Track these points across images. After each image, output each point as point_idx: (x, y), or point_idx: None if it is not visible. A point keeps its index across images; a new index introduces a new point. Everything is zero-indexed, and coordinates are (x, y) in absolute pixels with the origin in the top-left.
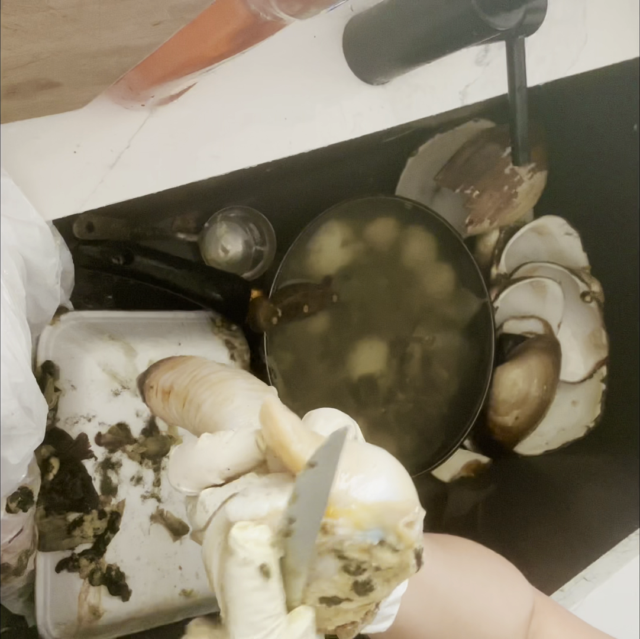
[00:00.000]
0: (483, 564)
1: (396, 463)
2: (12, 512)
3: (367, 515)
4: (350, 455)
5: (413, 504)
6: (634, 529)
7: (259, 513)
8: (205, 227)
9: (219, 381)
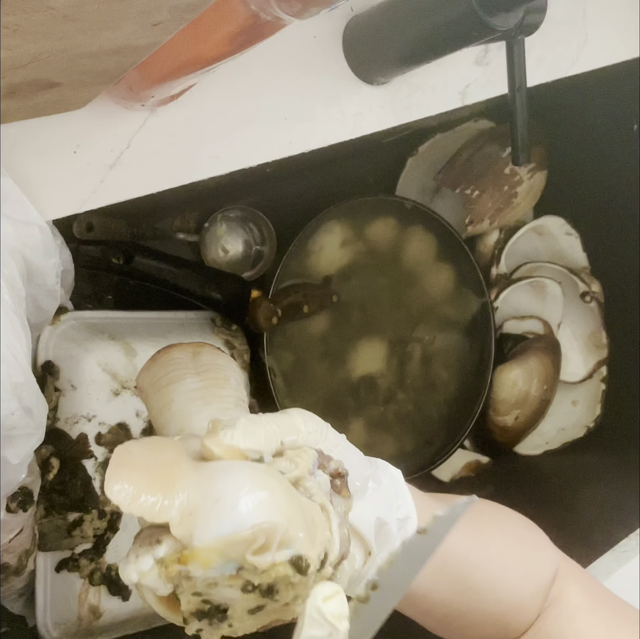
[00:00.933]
0: (504, 530)
1: (251, 484)
2: (12, 512)
3: (211, 555)
4: (199, 488)
5: (260, 528)
6: (634, 529)
7: (131, 580)
8: (205, 227)
9: (165, 385)
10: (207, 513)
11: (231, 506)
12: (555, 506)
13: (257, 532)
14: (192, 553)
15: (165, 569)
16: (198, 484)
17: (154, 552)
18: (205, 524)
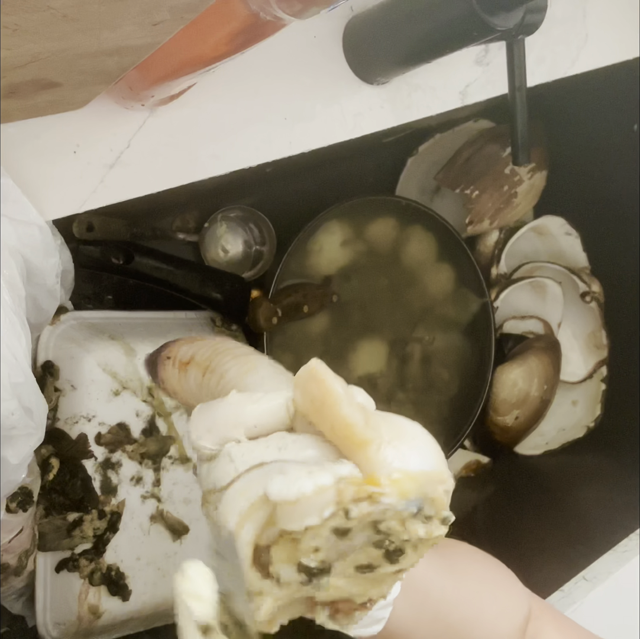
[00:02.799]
0: (477, 569)
1: (430, 436)
2: (12, 512)
3: (412, 485)
4: (391, 427)
5: (448, 475)
6: (634, 529)
7: (304, 492)
8: (205, 227)
9: (243, 354)
10: (407, 446)
11: (428, 446)
12: (555, 506)
13: (447, 474)
14: (393, 479)
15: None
16: (387, 422)
17: (337, 469)
18: (408, 456)
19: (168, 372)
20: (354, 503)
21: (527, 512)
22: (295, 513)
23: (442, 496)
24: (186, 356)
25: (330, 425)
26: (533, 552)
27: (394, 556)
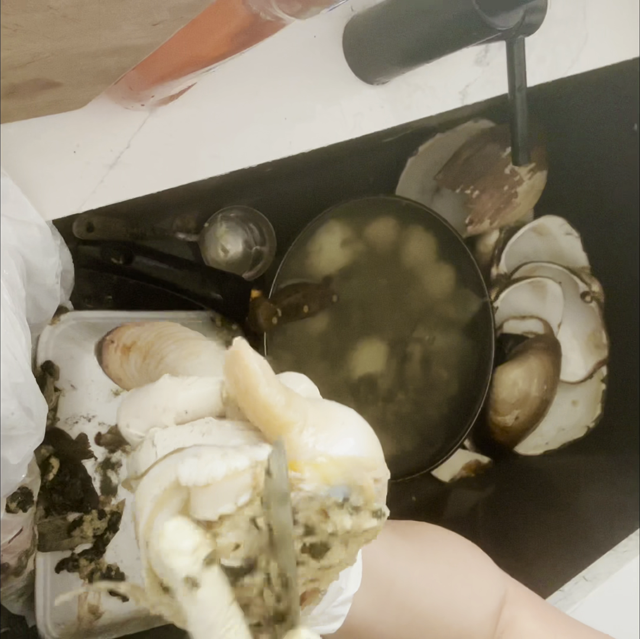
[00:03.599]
0: (447, 553)
1: (364, 423)
2: (12, 512)
3: (336, 469)
4: (319, 412)
5: (380, 462)
6: (634, 529)
7: (215, 476)
8: (205, 227)
9: (186, 338)
10: (334, 431)
11: (359, 431)
12: (555, 506)
13: (379, 461)
14: (314, 462)
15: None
16: (314, 404)
17: (254, 453)
18: (332, 440)
19: (111, 356)
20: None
21: (527, 512)
22: (208, 500)
23: (370, 484)
24: (129, 340)
25: (252, 408)
26: (533, 552)
27: (318, 551)
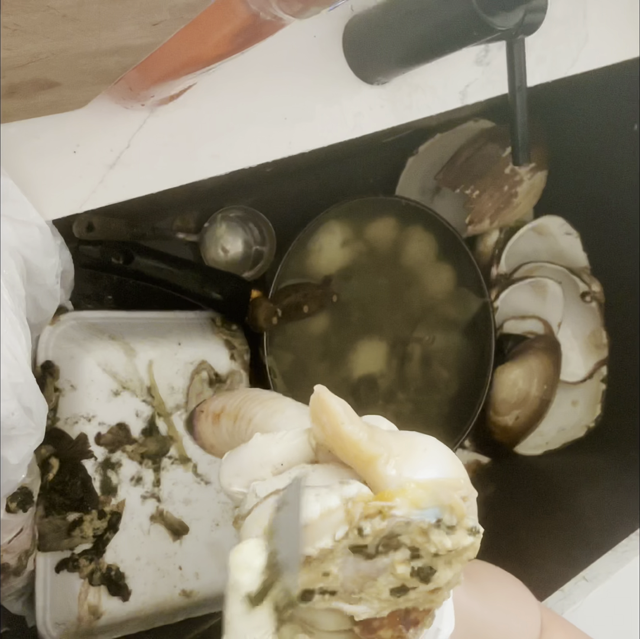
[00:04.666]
0: (501, 589)
1: (445, 447)
2: (12, 512)
3: (423, 493)
4: (401, 442)
5: (465, 482)
6: (634, 529)
7: (311, 516)
8: (205, 227)
9: (270, 398)
10: (417, 458)
11: (441, 456)
12: (555, 506)
13: (464, 481)
14: (402, 488)
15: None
16: (395, 435)
17: (344, 490)
18: (417, 466)
19: (202, 425)
20: (366, 520)
21: (527, 512)
22: (308, 537)
23: (459, 502)
24: (217, 407)
25: (339, 447)
26: (533, 552)
27: (425, 574)
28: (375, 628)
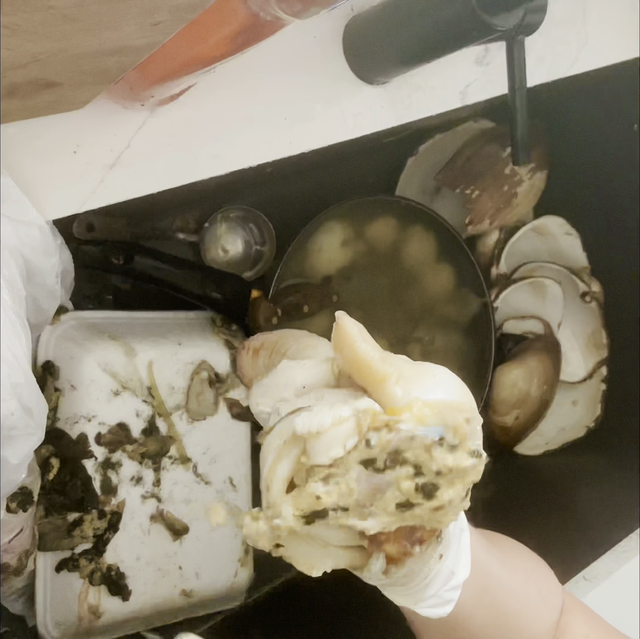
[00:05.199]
0: (524, 563)
1: (455, 376)
2: (12, 512)
3: (429, 411)
4: (413, 367)
5: (471, 407)
6: (634, 529)
7: (323, 424)
8: (205, 227)
9: (305, 335)
10: (426, 381)
11: (449, 382)
12: (555, 506)
13: (469, 406)
14: (409, 405)
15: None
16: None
17: (356, 403)
18: (426, 388)
19: (243, 359)
20: (373, 431)
21: (527, 512)
22: (321, 446)
23: (462, 423)
24: (258, 343)
25: (355, 367)
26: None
27: (428, 490)
28: (382, 541)
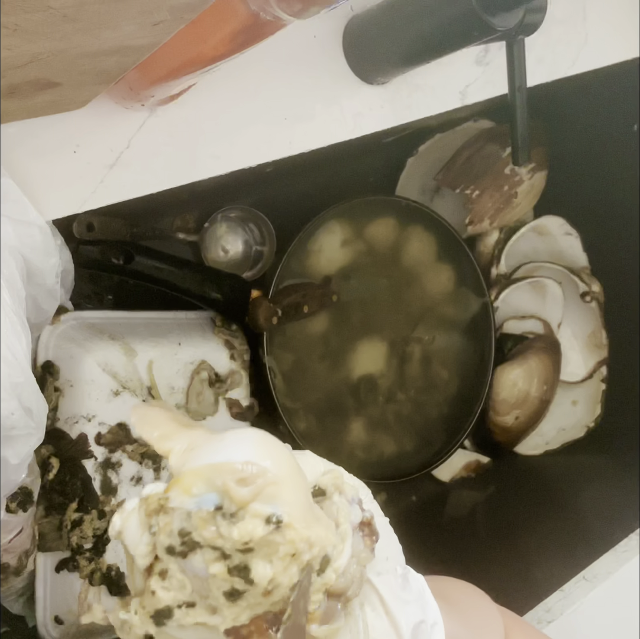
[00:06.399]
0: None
1: (256, 435)
2: (12, 512)
3: (195, 479)
4: (206, 435)
5: (251, 464)
6: (634, 529)
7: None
8: (205, 227)
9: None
10: (206, 447)
11: (230, 443)
12: (555, 506)
13: (246, 467)
14: (177, 478)
15: (147, 505)
16: (210, 433)
17: (142, 492)
18: (201, 455)
19: None
20: (151, 518)
21: (527, 512)
22: (129, 546)
23: (233, 487)
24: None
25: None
26: (533, 552)
27: (243, 573)
28: (245, 635)
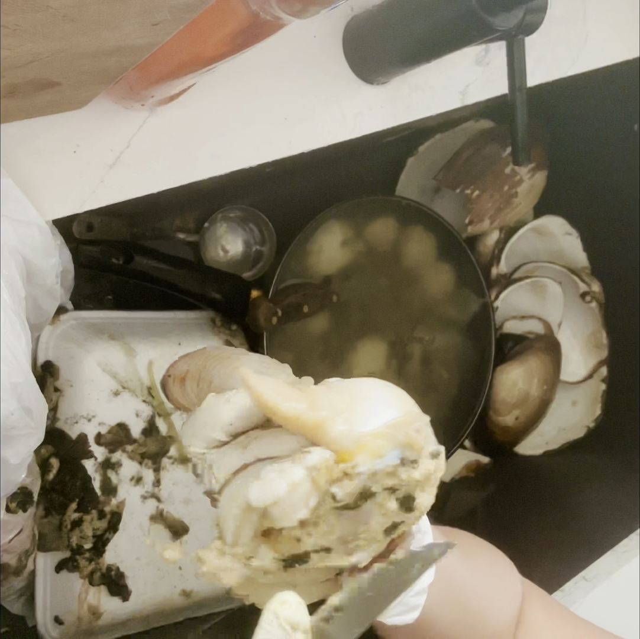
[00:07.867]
0: (484, 557)
1: (385, 385)
2: (12, 512)
3: (381, 441)
4: (342, 396)
5: (415, 413)
6: (634, 529)
7: (278, 493)
8: (205, 227)
9: (228, 356)
10: (361, 408)
11: (384, 396)
12: (555, 506)
13: (413, 415)
14: (360, 445)
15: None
16: (336, 391)
17: (305, 461)
18: (365, 417)
19: (171, 389)
20: (335, 485)
21: (527, 512)
22: (283, 512)
23: (415, 437)
24: (182, 370)
25: (288, 424)
26: (533, 552)
27: (408, 503)
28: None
